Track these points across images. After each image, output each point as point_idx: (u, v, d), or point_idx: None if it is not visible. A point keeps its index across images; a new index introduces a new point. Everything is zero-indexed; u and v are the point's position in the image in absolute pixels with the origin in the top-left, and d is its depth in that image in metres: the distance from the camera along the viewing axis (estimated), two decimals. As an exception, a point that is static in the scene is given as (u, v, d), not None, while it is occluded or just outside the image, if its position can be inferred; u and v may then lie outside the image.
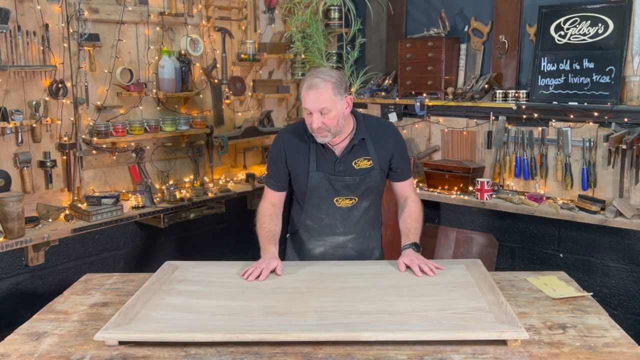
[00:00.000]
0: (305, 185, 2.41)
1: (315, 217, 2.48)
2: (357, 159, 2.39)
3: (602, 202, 3.47)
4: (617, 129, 3.48)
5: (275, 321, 1.89)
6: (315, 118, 2.25)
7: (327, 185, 2.40)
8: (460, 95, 3.99)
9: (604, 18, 3.47)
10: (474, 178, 3.88)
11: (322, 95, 2.23)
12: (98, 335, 1.81)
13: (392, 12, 4.41)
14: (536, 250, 3.92)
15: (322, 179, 2.39)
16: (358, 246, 2.53)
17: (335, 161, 2.39)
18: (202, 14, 4.13)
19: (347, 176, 2.39)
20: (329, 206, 2.44)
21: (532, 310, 2.07)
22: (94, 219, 3.34)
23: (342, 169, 2.39)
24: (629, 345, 1.80)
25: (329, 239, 2.51)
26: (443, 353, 1.75)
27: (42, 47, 3.33)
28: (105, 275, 2.49)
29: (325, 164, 2.39)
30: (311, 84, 2.25)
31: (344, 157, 2.39)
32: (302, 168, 2.41)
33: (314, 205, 2.46)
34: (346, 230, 2.49)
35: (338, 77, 2.29)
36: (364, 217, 2.50)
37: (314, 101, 2.24)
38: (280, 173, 2.47)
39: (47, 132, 3.43)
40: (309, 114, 2.27)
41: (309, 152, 2.40)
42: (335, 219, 2.47)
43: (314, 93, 2.24)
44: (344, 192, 2.42)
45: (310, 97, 2.24)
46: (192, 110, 4.15)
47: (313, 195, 2.43)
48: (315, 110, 2.24)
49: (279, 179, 2.48)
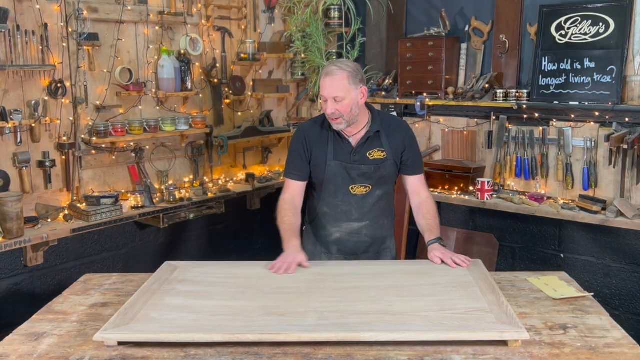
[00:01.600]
0: (323, 173, 2.55)
1: (332, 204, 2.60)
2: (371, 150, 2.53)
3: (603, 202, 3.46)
4: (618, 128, 3.48)
5: (275, 321, 1.88)
6: (329, 104, 2.40)
7: (344, 173, 2.53)
8: (460, 95, 3.98)
9: (605, 17, 3.47)
10: (475, 178, 3.87)
11: (337, 83, 2.38)
12: (97, 335, 1.81)
13: (392, 11, 4.40)
14: (537, 251, 3.91)
15: (339, 167, 2.52)
16: (372, 233, 2.63)
17: (351, 151, 2.53)
18: (202, 13, 4.12)
19: (363, 165, 2.53)
20: (344, 194, 2.56)
21: (533, 310, 2.06)
22: (93, 219, 3.33)
23: (357, 158, 2.53)
24: (629, 345, 1.80)
25: (345, 225, 2.61)
26: (443, 353, 1.74)
27: (41, 46, 3.32)
28: (105, 276, 2.48)
29: (342, 154, 2.53)
30: (328, 71, 2.41)
31: (360, 148, 2.52)
32: (321, 157, 2.55)
33: (331, 193, 2.58)
34: (361, 216, 2.60)
35: (355, 68, 2.44)
36: (377, 205, 2.61)
37: (329, 88, 2.39)
38: (303, 162, 2.58)
39: (46, 132, 3.42)
40: (325, 101, 2.42)
41: (327, 142, 2.54)
42: (350, 205, 2.58)
43: (329, 80, 2.39)
44: (359, 180, 2.54)
45: (326, 83, 2.40)
46: (191, 110, 4.14)
47: (330, 183, 2.56)
48: (329, 96, 2.39)
49: (301, 168, 2.59)
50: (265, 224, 4.60)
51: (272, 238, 4.66)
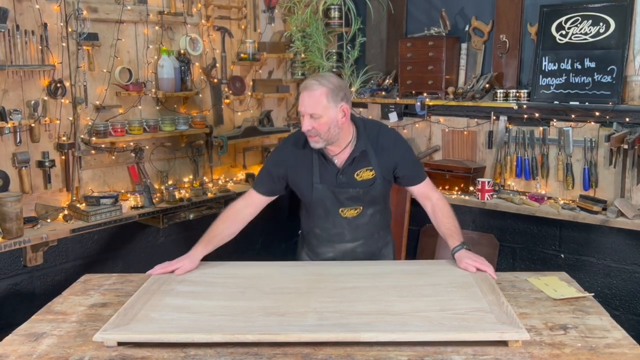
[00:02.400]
0: (310, 197, 2.41)
1: (323, 227, 2.50)
2: (359, 170, 2.37)
3: (603, 202, 3.46)
4: (618, 128, 3.47)
5: (275, 322, 1.88)
6: (305, 121, 2.24)
7: (332, 197, 2.39)
8: (460, 95, 3.98)
9: (606, 17, 3.46)
10: (475, 178, 3.87)
11: (314, 99, 2.21)
12: (97, 336, 1.81)
13: (392, 11, 4.40)
14: (537, 251, 3.91)
15: (325, 190, 2.38)
16: (367, 249, 2.54)
17: (337, 173, 2.37)
18: (202, 13, 4.11)
19: (350, 188, 2.37)
20: (335, 217, 2.45)
21: (533, 310, 2.06)
22: (93, 219, 3.33)
23: (344, 180, 2.37)
24: (630, 346, 1.80)
25: (338, 246, 2.53)
26: (444, 354, 1.74)
27: (41, 46, 3.32)
28: (104, 276, 2.48)
29: (328, 176, 2.37)
30: (306, 85, 2.24)
31: (346, 169, 2.36)
32: (306, 179, 2.39)
33: (321, 216, 2.47)
34: (354, 237, 2.50)
35: (337, 84, 2.25)
36: (370, 223, 2.50)
37: (306, 103, 2.23)
38: (273, 183, 2.46)
39: (46, 132, 3.42)
40: (302, 116, 2.26)
41: (311, 163, 2.38)
42: (342, 228, 2.47)
43: (307, 95, 2.23)
44: (349, 203, 2.41)
45: (304, 99, 2.24)
46: (191, 110, 4.13)
47: (319, 206, 2.44)
48: (306, 113, 2.23)
49: (268, 186, 2.47)
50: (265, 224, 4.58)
51: (272, 238, 4.68)
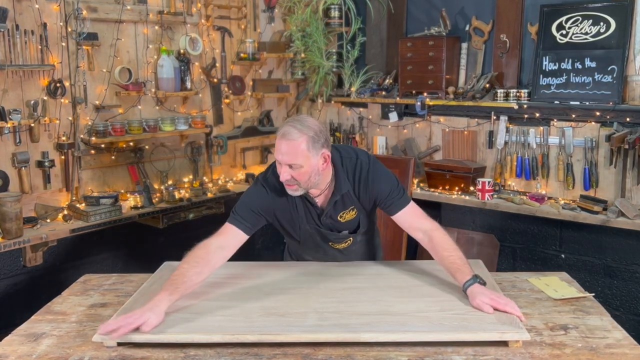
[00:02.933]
0: (298, 235, 2.32)
1: (314, 255, 2.46)
2: (342, 212, 2.26)
3: (604, 202, 3.45)
4: (619, 128, 3.47)
5: (275, 322, 1.88)
6: (284, 171, 2.07)
7: (319, 235, 2.33)
8: (461, 95, 3.97)
9: (606, 17, 3.46)
10: (475, 178, 3.86)
11: (293, 149, 2.03)
12: (97, 336, 1.80)
13: (392, 11, 4.39)
14: (537, 251, 3.90)
15: (313, 229, 2.30)
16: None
17: (320, 215, 2.26)
18: (202, 12, 4.11)
19: (336, 231, 2.31)
20: (326, 249, 2.39)
21: (534, 311, 2.05)
22: (93, 219, 3.32)
23: (329, 222, 2.28)
24: (630, 346, 1.79)
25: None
26: (444, 354, 1.74)
27: (40, 46, 3.32)
28: (104, 276, 2.48)
29: (312, 218, 2.26)
30: (285, 132, 2.04)
31: (329, 212, 2.25)
32: (291, 221, 2.28)
33: (311, 248, 2.41)
34: (347, 259, 2.46)
35: (317, 130, 2.07)
36: (363, 247, 2.48)
37: (284, 153, 2.04)
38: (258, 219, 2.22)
39: (46, 132, 3.41)
40: (279, 164, 2.09)
41: (295, 204, 2.24)
42: (335, 256, 2.44)
43: (285, 144, 2.04)
44: (337, 240, 2.35)
45: (282, 147, 2.04)
46: (191, 110, 4.13)
47: (308, 242, 2.36)
48: (285, 163, 2.05)
49: (251, 221, 2.19)
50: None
51: (272, 238, 4.67)
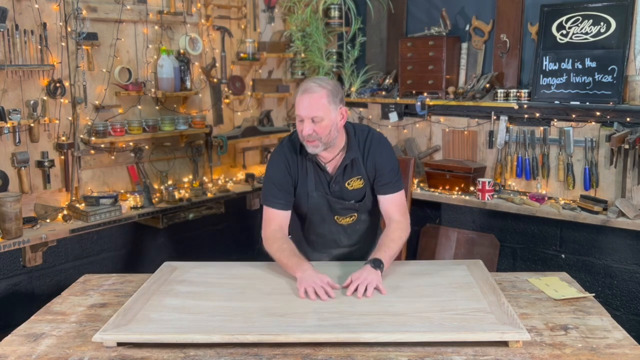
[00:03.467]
0: (306, 205, 2.39)
1: (318, 233, 2.49)
2: (350, 179, 2.36)
3: (604, 203, 3.45)
4: (619, 128, 3.46)
5: (274, 322, 1.87)
6: (306, 125, 2.19)
7: (327, 204, 2.39)
8: (461, 95, 3.97)
9: (606, 17, 3.45)
10: (475, 178, 3.86)
11: (316, 101, 2.17)
12: (96, 336, 1.80)
13: (392, 10, 4.39)
14: (538, 251, 3.90)
15: (321, 199, 2.37)
16: (363, 253, 2.49)
17: (329, 181, 2.36)
18: (201, 12, 4.11)
19: (344, 199, 2.39)
20: (331, 224, 2.45)
21: (534, 311, 2.05)
22: (92, 220, 3.32)
23: (337, 189, 2.37)
24: (631, 346, 1.79)
25: (335, 251, 2.52)
26: (444, 354, 1.74)
27: (40, 46, 3.31)
28: (104, 276, 2.47)
29: (322, 184, 2.37)
30: (306, 88, 2.20)
31: (338, 177, 2.36)
32: (302, 187, 2.38)
33: (317, 223, 2.46)
34: (350, 242, 2.51)
35: (335, 86, 2.25)
36: (365, 228, 2.52)
37: (307, 107, 2.18)
38: (289, 189, 2.36)
39: (45, 132, 3.41)
40: (301, 121, 2.21)
41: (306, 171, 2.36)
42: (339, 234, 2.48)
43: (307, 98, 2.18)
44: (344, 212, 2.42)
45: (304, 102, 2.19)
46: (191, 110, 4.13)
47: (314, 214, 2.42)
48: (307, 117, 2.19)
49: (286, 196, 2.36)
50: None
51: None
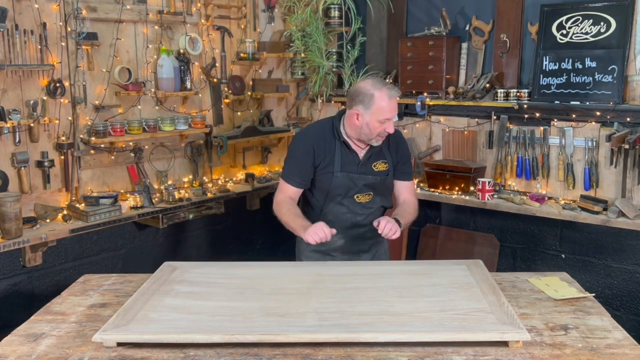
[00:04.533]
0: (330, 183, 2.60)
1: (336, 212, 2.65)
2: (376, 162, 2.64)
3: (604, 203, 3.45)
4: (619, 128, 3.46)
5: (274, 322, 1.87)
6: (391, 124, 2.51)
7: (351, 183, 2.61)
8: (461, 95, 3.97)
9: (606, 17, 3.45)
10: (475, 178, 3.86)
11: (396, 105, 2.52)
12: (96, 336, 1.80)
13: (392, 10, 4.39)
14: (538, 251, 3.90)
15: (345, 178, 2.60)
16: (374, 234, 2.63)
17: (358, 163, 2.61)
18: (201, 12, 4.11)
19: (370, 175, 2.63)
20: (350, 202, 2.65)
21: (534, 311, 2.05)
22: (92, 220, 3.32)
23: (363, 170, 2.63)
24: (631, 346, 1.79)
25: (349, 232, 2.68)
26: (444, 354, 1.74)
27: (40, 46, 3.31)
28: (104, 276, 2.47)
29: (349, 165, 2.61)
30: (390, 95, 2.48)
31: (366, 161, 2.62)
32: (328, 167, 2.59)
33: (337, 201, 2.64)
34: (365, 221, 2.67)
35: None
36: (379, 210, 2.72)
37: (393, 109, 2.50)
38: (308, 169, 2.59)
39: (45, 132, 3.41)
40: (385, 121, 2.48)
41: (334, 152, 2.59)
42: (355, 212, 2.67)
43: (394, 102, 2.49)
44: (365, 189, 2.64)
45: (392, 105, 2.49)
46: (191, 110, 4.13)
47: (336, 192, 2.62)
48: (394, 117, 2.52)
49: (305, 175, 2.60)
50: (265, 224, 4.59)
51: (272, 238, 4.67)
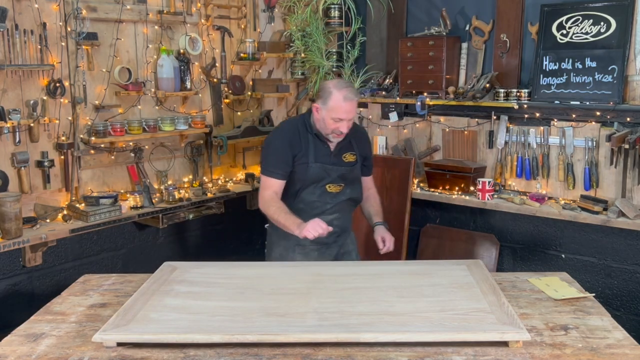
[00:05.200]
0: (305, 174, 2.77)
1: (308, 200, 2.82)
2: (345, 154, 2.84)
3: (604, 203, 3.45)
4: (619, 128, 3.46)
5: (274, 322, 1.87)
6: (346, 125, 2.68)
7: (324, 173, 2.79)
8: (461, 95, 3.97)
9: (606, 17, 3.45)
10: (476, 178, 3.86)
11: (354, 107, 2.69)
12: (96, 336, 1.80)
13: (392, 10, 4.39)
14: (538, 251, 3.90)
15: (320, 168, 2.78)
16: (341, 224, 2.89)
17: (330, 154, 2.81)
18: (201, 12, 4.11)
19: (341, 166, 2.82)
20: (321, 191, 2.82)
21: (534, 311, 2.06)
22: (92, 220, 3.32)
23: (335, 160, 2.82)
24: (631, 346, 1.80)
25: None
26: (444, 354, 1.74)
27: (40, 46, 3.31)
28: (104, 276, 2.48)
29: (322, 156, 2.79)
30: (346, 96, 2.64)
31: (336, 152, 2.82)
32: (303, 159, 2.76)
33: (309, 190, 2.81)
34: (333, 210, 2.84)
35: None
36: (347, 201, 2.90)
37: (349, 111, 2.67)
38: (288, 160, 2.75)
39: (45, 132, 3.41)
40: (338, 120, 2.65)
41: (308, 144, 2.77)
42: (325, 201, 2.83)
43: (350, 104, 2.66)
44: (337, 180, 2.82)
45: (347, 107, 2.65)
46: (191, 110, 4.13)
47: (310, 182, 2.79)
48: (348, 119, 2.68)
49: (286, 167, 2.76)
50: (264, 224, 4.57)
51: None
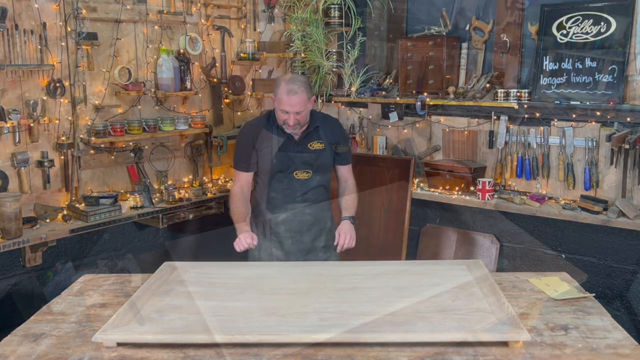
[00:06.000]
0: (270, 163, 2.87)
1: (278, 188, 2.91)
2: (311, 142, 2.89)
3: (604, 203, 3.45)
4: (619, 128, 3.46)
5: (275, 322, 1.87)
6: (292, 118, 2.74)
7: (289, 161, 2.87)
8: (461, 95, 3.97)
9: (607, 17, 3.45)
10: (476, 178, 3.86)
11: (299, 100, 2.72)
12: (96, 336, 1.80)
13: (392, 10, 4.39)
14: (538, 251, 3.90)
15: (284, 157, 2.86)
16: (314, 212, 2.95)
17: (294, 143, 2.88)
18: (201, 12, 4.11)
19: (305, 153, 2.89)
20: (290, 179, 2.90)
21: (534, 311, 2.05)
22: (92, 220, 3.32)
23: (300, 149, 2.88)
24: (631, 346, 1.79)
25: (290, 206, 2.93)
26: (444, 355, 1.73)
27: (40, 46, 3.31)
28: (104, 276, 2.47)
29: (287, 145, 2.87)
30: (290, 90, 2.70)
31: (301, 141, 2.88)
32: (268, 149, 2.87)
33: (278, 179, 2.90)
34: (304, 198, 2.93)
35: (307, 82, 2.82)
36: (317, 189, 2.96)
37: (294, 104, 2.72)
38: (250, 152, 2.88)
39: (45, 132, 3.41)
40: (284, 112, 2.73)
41: (270, 137, 2.87)
42: (295, 189, 2.91)
43: (294, 98, 2.71)
44: (302, 166, 2.89)
45: (291, 101, 2.71)
46: (191, 110, 4.13)
47: (277, 170, 2.87)
48: (293, 112, 2.73)
49: (249, 159, 2.90)
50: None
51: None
